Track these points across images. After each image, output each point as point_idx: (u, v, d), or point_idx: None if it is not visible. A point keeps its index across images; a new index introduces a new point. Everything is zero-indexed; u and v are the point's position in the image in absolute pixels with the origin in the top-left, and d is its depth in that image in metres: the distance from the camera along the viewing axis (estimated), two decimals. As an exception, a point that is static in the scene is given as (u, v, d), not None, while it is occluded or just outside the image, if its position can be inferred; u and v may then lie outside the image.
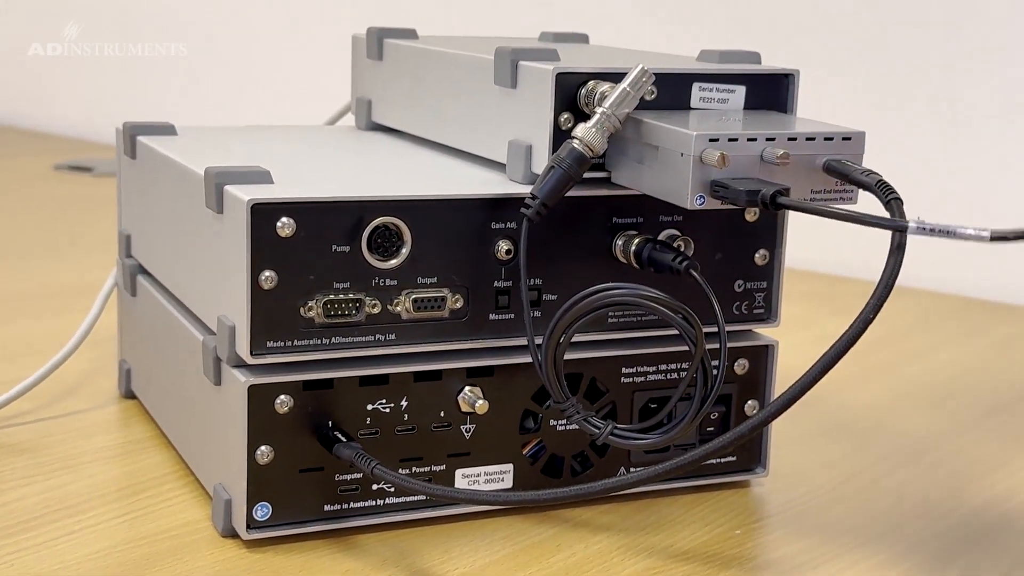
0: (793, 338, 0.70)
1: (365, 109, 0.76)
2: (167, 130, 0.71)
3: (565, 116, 0.57)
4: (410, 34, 0.74)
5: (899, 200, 0.50)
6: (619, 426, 0.55)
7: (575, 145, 0.55)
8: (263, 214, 0.53)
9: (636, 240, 0.59)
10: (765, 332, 0.64)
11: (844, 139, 0.55)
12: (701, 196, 0.53)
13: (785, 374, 0.60)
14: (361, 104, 0.77)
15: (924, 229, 0.48)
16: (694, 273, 0.57)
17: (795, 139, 0.54)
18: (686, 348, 0.57)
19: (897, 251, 0.50)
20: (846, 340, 0.50)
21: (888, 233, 0.50)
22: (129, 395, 0.74)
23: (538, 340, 0.56)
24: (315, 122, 0.87)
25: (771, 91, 0.61)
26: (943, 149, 1.13)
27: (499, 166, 0.62)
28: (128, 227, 0.73)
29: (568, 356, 0.57)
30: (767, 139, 0.54)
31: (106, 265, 0.77)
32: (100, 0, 1.71)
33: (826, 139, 0.54)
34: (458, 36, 0.79)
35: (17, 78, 1.86)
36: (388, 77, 0.74)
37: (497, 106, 0.61)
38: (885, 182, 0.52)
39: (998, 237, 0.47)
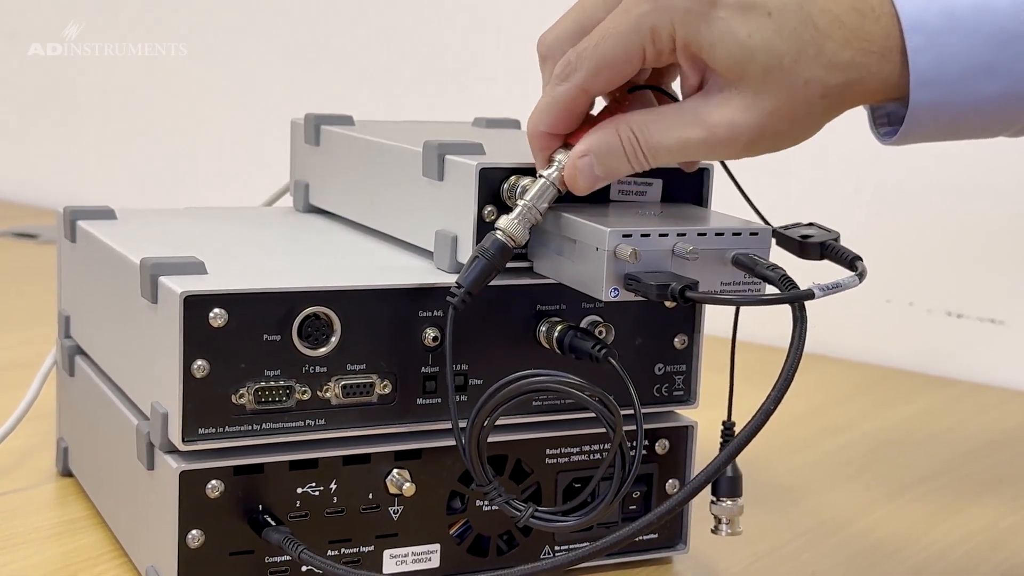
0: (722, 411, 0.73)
1: (303, 192, 0.79)
2: (106, 214, 0.72)
3: (489, 208, 0.60)
4: (346, 120, 0.77)
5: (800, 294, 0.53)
6: (540, 508, 0.57)
7: (498, 236, 0.58)
8: (196, 305, 0.55)
9: (559, 327, 0.61)
10: (685, 413, 0.67)
11: (751, 234, 0.57)
12: (615, 289, 0.56)
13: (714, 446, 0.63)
14: (299, 187, 0.79)
15: (825, 290, 0.53)
16: (612, 361, 0.59)
17: (704, 234, 0.57)
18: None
19: (800, 322, 0.53)
20: (761, 416, 0.52)
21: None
22: (67, 473, 0.75)
23: (463, 424, 0.58)
24: (258, 192, 0.89)
25: (687, 184, 0.63)
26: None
27: (427, 253, 0.64)
28: (67, 308, 0.74)
29: (494, 438, 0.59)
30: (678, 234, 0.56)
31: (48, 337, 0.78)
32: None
33: (734, 234, 0.57)
34: (393, 122, 0.81)
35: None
36: (324, 163, 0.76)
37: (425, 197, 0.64)
38: (788, 277, 0.54)
39: (860, 273, 0.55)
